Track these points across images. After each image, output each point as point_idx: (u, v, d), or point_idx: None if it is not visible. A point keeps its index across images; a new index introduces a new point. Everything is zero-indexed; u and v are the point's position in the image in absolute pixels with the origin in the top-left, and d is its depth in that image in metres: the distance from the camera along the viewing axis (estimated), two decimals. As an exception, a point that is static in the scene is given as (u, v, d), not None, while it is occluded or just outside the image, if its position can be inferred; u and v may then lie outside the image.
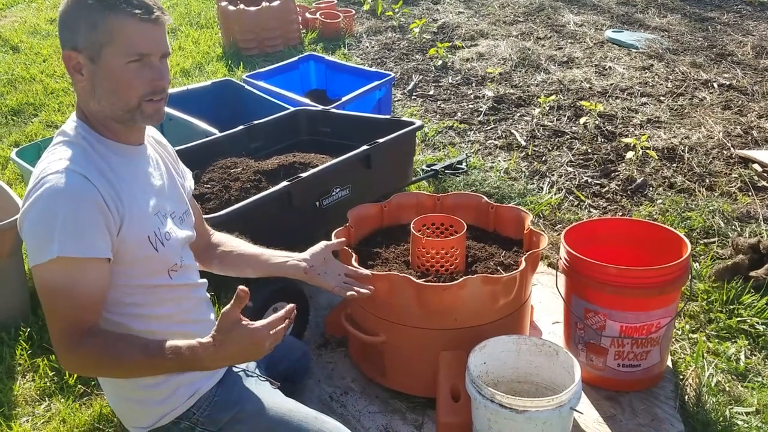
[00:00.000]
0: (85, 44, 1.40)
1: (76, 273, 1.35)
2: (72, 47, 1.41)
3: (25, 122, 4.79)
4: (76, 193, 1.36)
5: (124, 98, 1.43)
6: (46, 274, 1.35)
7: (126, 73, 1.41)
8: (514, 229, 2.39)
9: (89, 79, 1.43)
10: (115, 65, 1.40)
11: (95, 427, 2.19)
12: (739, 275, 2.80)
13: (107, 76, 1.41)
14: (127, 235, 1.44)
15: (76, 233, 1.34)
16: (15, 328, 2.65)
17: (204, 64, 5.77)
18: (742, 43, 6.08)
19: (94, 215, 1.37)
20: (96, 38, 1.38)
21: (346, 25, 6.45)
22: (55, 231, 1.33)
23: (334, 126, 3.29)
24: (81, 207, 1.36)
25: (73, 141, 1.46)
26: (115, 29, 1.38)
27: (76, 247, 1.34)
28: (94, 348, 1.36)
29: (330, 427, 1.64)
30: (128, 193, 1.47)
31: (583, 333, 2.17)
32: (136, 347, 1.38)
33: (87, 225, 1.36)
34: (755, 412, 2.19)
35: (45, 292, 1.36)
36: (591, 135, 4.30)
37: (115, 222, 1.42)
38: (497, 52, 5.86)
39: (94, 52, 1.40)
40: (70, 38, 1.42)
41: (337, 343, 2.47)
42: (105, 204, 1.39)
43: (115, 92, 1.42)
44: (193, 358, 1.37)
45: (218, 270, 1.88)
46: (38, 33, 6.71)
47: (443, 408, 2.01)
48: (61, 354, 1.37)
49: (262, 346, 1.39)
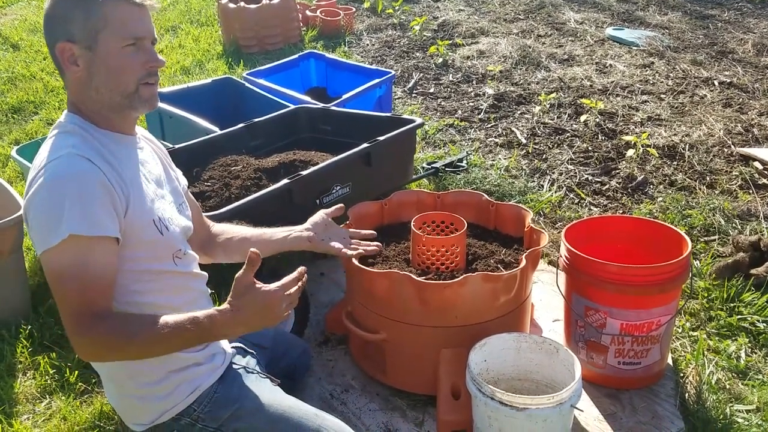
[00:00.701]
0: (80, 33, 1.41)
1: (86, 254, 1.35)
2: (66, 38, 1.42)
3: (26, 120, 4.78)
4: (81, 175, 1.37)
5: (123, 82, 1.45)
6: (56, 257, 1.34)
7: (123, 56, 1.44)
8: (515, 227, 2.39)
9: (86, 69, 1.44)
10: (112, 50, 1.43)
11: (96, 425, 2.19)
12: (739, 273, 2.80)
13: (105, 61, 1.43)
14: (133, 217, 1.45)
15: (84, 213, 1.34)
16: (16, 325, 2.65)
17: (204, 61, 5.76)
18: (742, 40, 6.07)
19: (100, 195, 1.38)
20: (92, 25, 1.41)
21: (346, 22, 6.44)
22: (64, 213, 1.33)
23: (334, 124, 3.29)
24: (87, 188, 1.36)
25: (70, 130, 1.47)
26: (109, 14, 1.41)
27: (85, 226, 1.34)
28: (106, 329, 1.34)
29: (330, 424, 1.64)
30: (130, 177, 1.48)
31: (584, 331, 2.17)
32: (149, 323, 1.37)
33: (95, 205, 1.36)
34: (755, 409, 2.19)
35: (56, 276, 1.35)
36: (591, 133, 4.29)
37: (121, 202, 1.42)
38: (498, 49, 5.85)
39: (90, 39, 1.41)
40: (62, 30, 1.42)
41: (337, 341, 2.47)
42: (110, 184, 1.40)
43: (114, 77, 1.45)
44: (212, 325, 1.37)
45: (224, 258, 1.89)
46: (38, 31, 6.70)
47: (444, 405, 2.02)
48: (74, 338, 1.35)
49: (278, 307, 1.40)
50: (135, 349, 1.40)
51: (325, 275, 2.90)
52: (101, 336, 1.35)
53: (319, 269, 2.93)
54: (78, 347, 1.37)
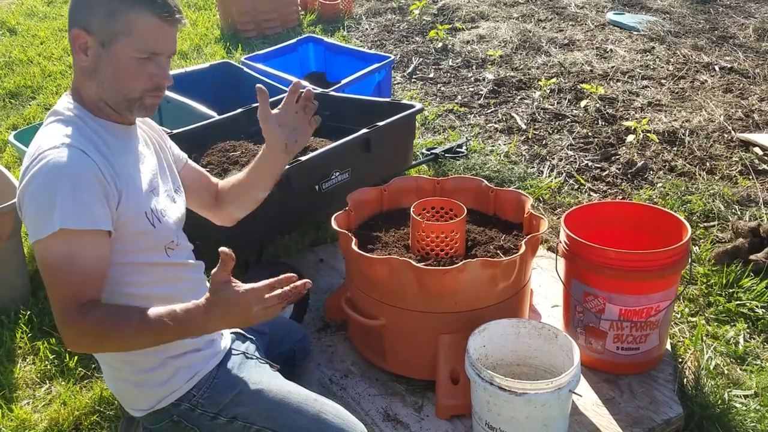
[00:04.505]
0: (98, 28, 1.41)
1: (76, 246, 1.35)
2: (83, 27, 1.42)
3: (23, 105, 4.76)
4: (75, 167, 1.36)
5: (127, 88, 1.46)
6: (47, 248, 1.34)
7: (133, 66, 1.43)
8: (514, 213, 2.38)
9: (93, 62, 1.44)
10: (123, 56, 1.42)
11: (96, 410, 2.20)
12: (738, 259, 2.80)
13: (113, 64, 1.43)
14: (125, 210, 1.45)
15: (77, 206, 1.34)
16: (15, 311, 2.65)
17: (202, 46, 5.73)
18: (744, 25, 6.03)
19: (93, 188, 1.37)
20: (113, 27, 1.40)
21: (345, 6, 6.40)
22: (56, 204, 1.33)
23: (333, 109, 3.26)
24: (80, 180, 1.36)
25: (66, 119, 1.46)
26: (135, 22, 1.40)
27: (77, 219, 1.34)
28: (93, 320, 1.34)
29: (329, 409, 1.64)
30: (124, 169, 1.48)
31: (582, 316, 2.18)
32: (135, 316, 1.37)
33: (87, 197, 1.36)
34: (754, 395, 2.20)
35: (46, 266, 1.35)
36: (592, 118, 4.28)
37: (113, 195, 1.42)
38: (498, 34, 5.82)
39: (106, 38, 1.41)
40: (82, 18, 1.42)
41: (336, 327, 2.48)
42: (104, 177, 1.40)
43: (119, 81, 1.45)
44: (189, 319, 1.37)
45: (237, 210, 1.85)
46: (35, 15, 6.66)
47: (443, 390, 2.02)
48: (62, 328, 1.36)
49: (249, 310, 1.38)
50: (121, 343, 1.40)
51: (324, 261, 2.90)
52: (88, 326, 1.35)
53: (318, 255, 2.93)
54: (65, 337, 1.37)
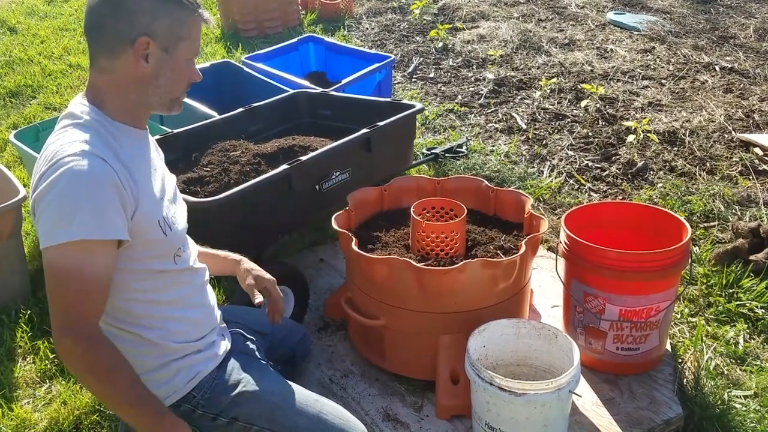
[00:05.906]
0: (163, 34, 1.46)
1: (88, 255, 1.36)
2: (147, 34, 1.44)
3: (24, 104, 4.76)
4: (96, 176, 1.37)
5: (178, 89, 1.55)
6: (59, 255, 1.35)
7: (185, 67, 1.54)
8: (515, 213, 2.39)
9: (155, 68, 1.48)
10: (181, 59, 1.52)
11: (96, 410, 2.20)
12: (739, 259, 2.80)
13: (174, 67, 1.51)
14: (140, 218, 1.46)
15: (97, 216, 1.35)
16: (15, 310, 2.65)
17: (203, 45, 5.73)
18: (744, 25, 6.03)
19: (112, 197, 1.39)
20: (177, 32, 1.48)
21: (345, 6, 6.39)
22: (76, 214, 1.34)
23: (333, 109, 3.27)
24: (100, 189, 1.37)
25: (85, 123, 1.46)
26: (192, 28, 1.52)
27: (97, 229, 1.35)
28: (92, 356, 1.37)
29: (330, 409, 1.64)
30: (141, 176, 1.49)
31: (582, 316, 2.18)
32: (130, 374, 1.42)
33: (107, 207, 1.37)
34: (753, 395, 2.20)
35: (54, 272, 1.36)
36: (592, 118, 4.28)
37: (130, 204, 1.43)
38: (498, 34, 5.82)
39: (170, 43, 1.48)
40: (145, 24, 1.44)
41: (336, 327, 2.48)
42: (122, 185, 1.41)
43: (175, 83, 1.53)
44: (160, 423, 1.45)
45: None
46: (36, 14, 6.65)
47: (443, 391, 2.02)
48: (56, 334, 1.37)
49: None
50: (97, 386, 1.43)
51: (325, 261, 2.90)
52: (80, 351, 1.37)
53: (319, 255, 2.94)
54: (57, 344, 1.38)
